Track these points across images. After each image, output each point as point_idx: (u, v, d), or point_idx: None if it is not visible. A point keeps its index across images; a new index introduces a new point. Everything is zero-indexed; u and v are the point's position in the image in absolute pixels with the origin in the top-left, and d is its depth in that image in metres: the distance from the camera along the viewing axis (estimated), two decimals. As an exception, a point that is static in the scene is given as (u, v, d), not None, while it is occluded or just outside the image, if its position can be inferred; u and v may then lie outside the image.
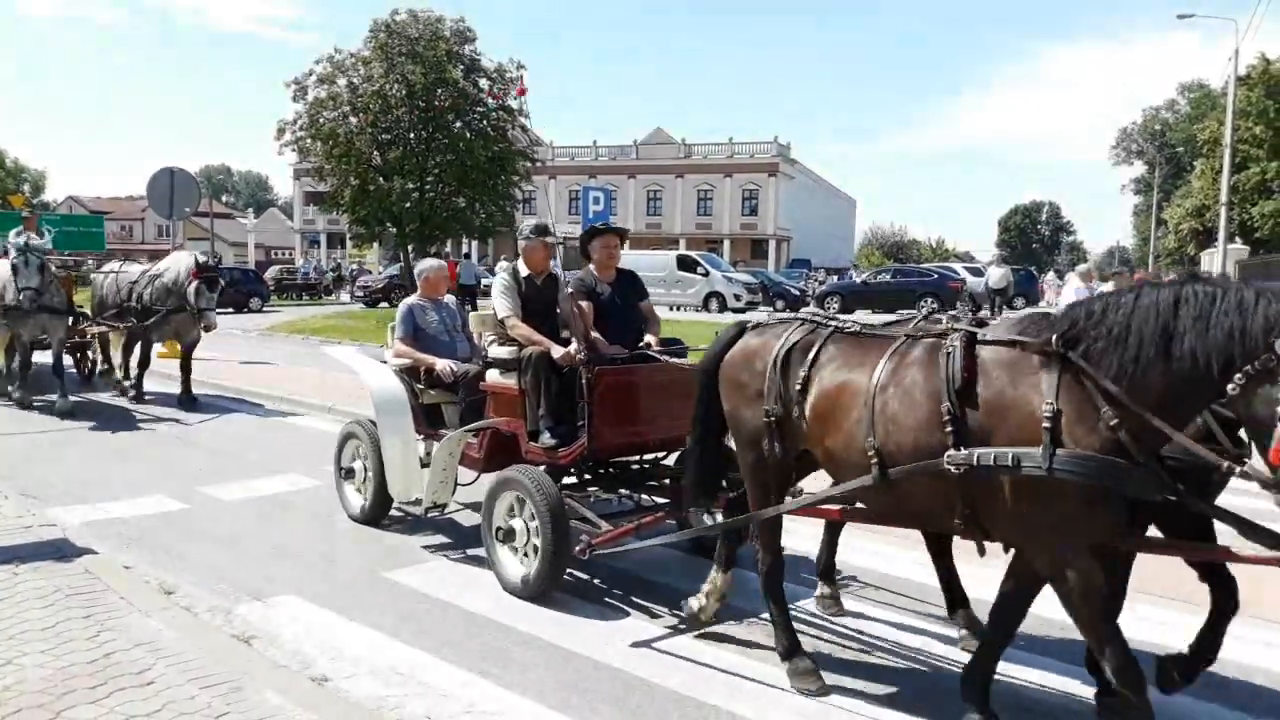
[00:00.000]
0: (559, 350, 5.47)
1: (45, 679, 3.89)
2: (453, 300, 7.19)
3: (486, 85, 26.59)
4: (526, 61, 27.49)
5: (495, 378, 5.91)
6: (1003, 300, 27.73)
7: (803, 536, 5.70)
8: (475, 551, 6.14)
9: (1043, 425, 3.24)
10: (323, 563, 5.97)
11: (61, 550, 5.60)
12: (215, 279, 11.72)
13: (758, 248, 60.51)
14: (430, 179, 26.30)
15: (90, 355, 13.92)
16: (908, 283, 32.41)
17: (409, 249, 27.47)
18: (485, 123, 26.64)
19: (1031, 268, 47.61)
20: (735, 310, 29.05)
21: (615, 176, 59.30)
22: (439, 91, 25.39)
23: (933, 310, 4.52)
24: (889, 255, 72.17)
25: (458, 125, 26.26)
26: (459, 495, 6.39)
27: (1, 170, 63.81)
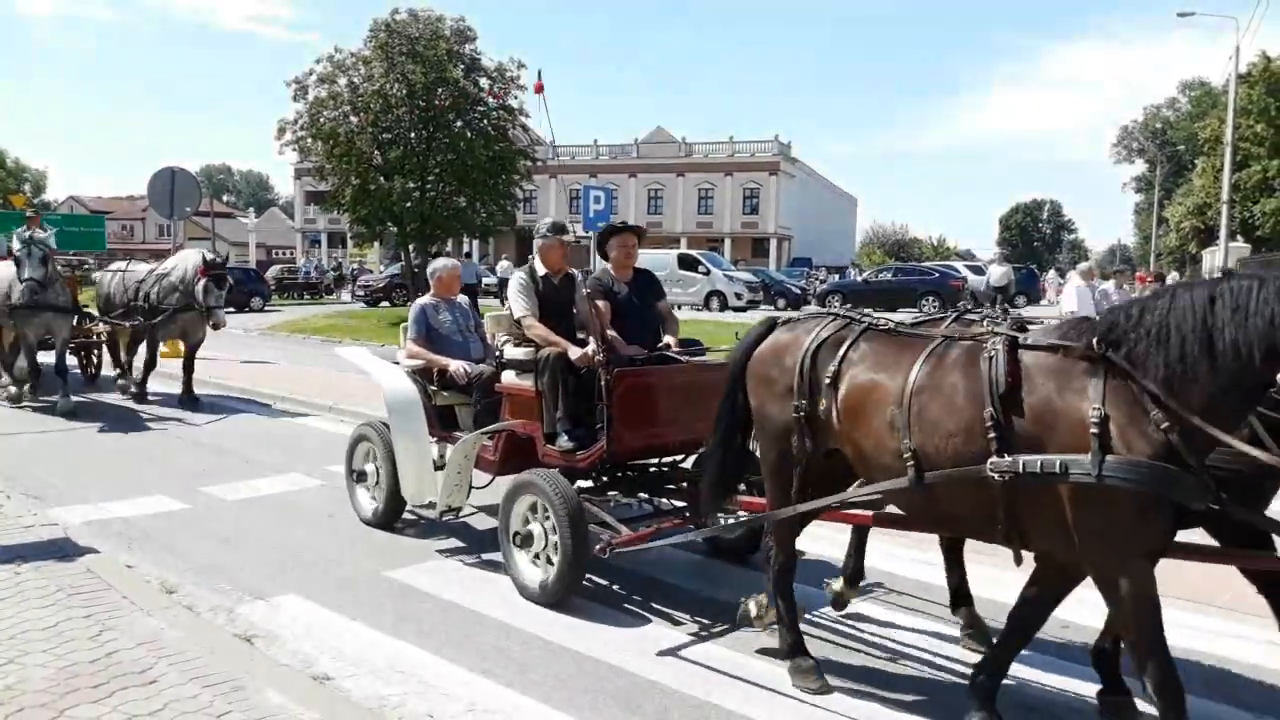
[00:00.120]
0: (576, 351, 5.37)
1: (47, 678, 3.90)
2: (466, 300, 7.09)
3: (487, 84, 26.57)
4: (526, 60, 27.10)
5: (511, 379, 5.80)
6: (1004, 299, 27.67)
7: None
8: (478, 551, 6.15)
9: (1091, 431, 3.16)
10: (324, 562, 5.97)
11: (63, 550, 5.60)
12: (223, 277, 11.69)
13: (759, 246, 60.44)
14: (431, 178, 26.26)
15: (95, 356, 13.93)
16: (909, 281, 32.42)
17: (410, 248, 27.45)
18: (486, 122, 26.60)
19: (1033, 266, 47.64)
20: (736, 309, 29.04)
21: (616, 175, 59.22)
22: (439, 91, 25.35)
23: (965, 310, 4.31)
24: (890, 254, 72.03)
25: (458, 125, 26.21)
26: (471, 498, 6.31)
27: (2, 170, 63.85)
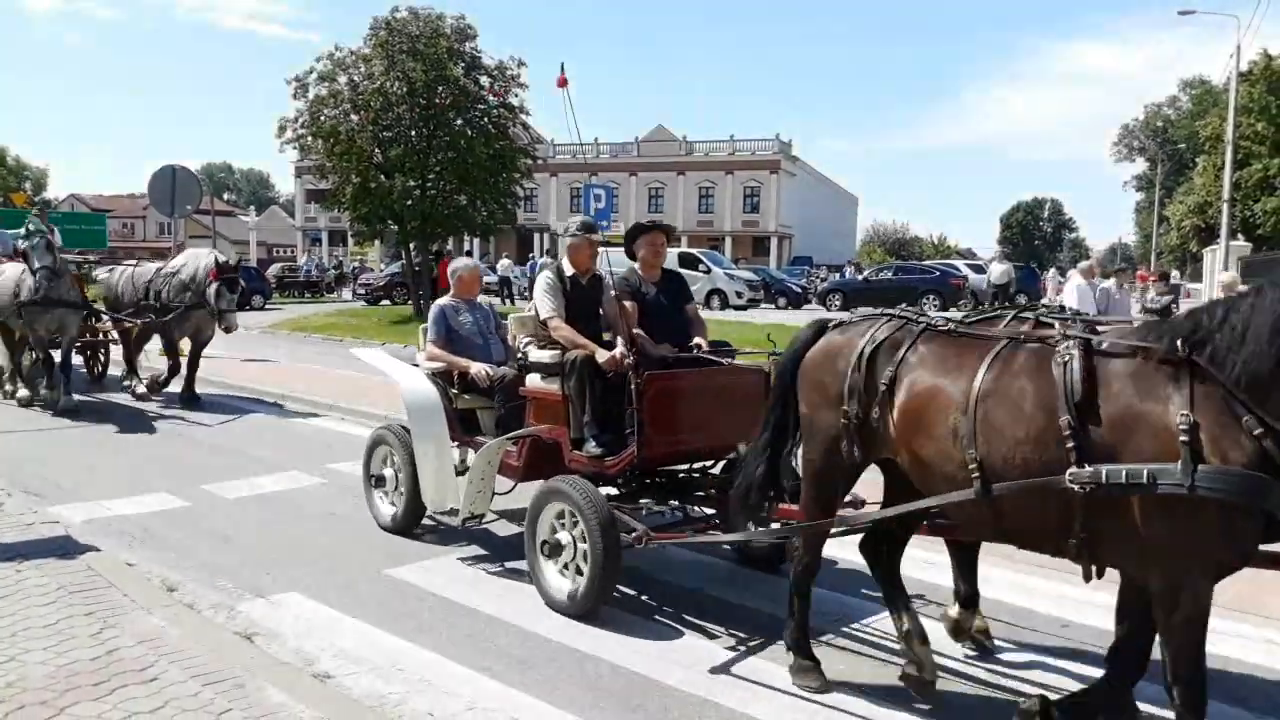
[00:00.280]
0: (604, 354, 5.18)
1: (48, 676, 3.90)
2: (487, 301, 6.98)
3: (487, 82, 26.55)
4: (527, 59, 27.00)
5: (536, 382, 5.60)
6: (1004, 297, 27.68)
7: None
8: (479, 550, 6.16)
9: (1180, 439, 2.97)
10: (325, 560, 5.96)
11: (64, 548, 5.61)
12: (236, 280, 11.73)
13: (759, 245, 60.44)
14: (431, 176, 26.22)
15: (102, 355, 13.90)
16: (910, 280, 32.35)
17: (410, 247, 27.44)
18: (486, 120, 26.58)
19: (1034, 264, 47.59)
20: (736, 308, 29.05)
21: (616, 174, 59.18)
22: (440, 89, 25.32)
23: (1023, 309, 4.08)
24: (891, 252, 72.06)
25: (459, 123, 26.17)
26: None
27: (3, 168, 63.90)
